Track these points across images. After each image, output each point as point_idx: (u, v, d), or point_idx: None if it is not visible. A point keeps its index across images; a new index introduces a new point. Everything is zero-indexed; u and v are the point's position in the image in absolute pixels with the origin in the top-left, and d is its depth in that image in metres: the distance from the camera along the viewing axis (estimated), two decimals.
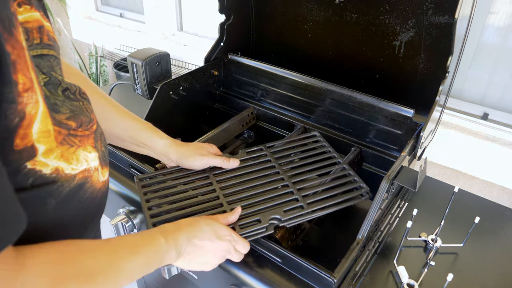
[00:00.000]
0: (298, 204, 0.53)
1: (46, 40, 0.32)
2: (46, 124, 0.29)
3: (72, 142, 0.32)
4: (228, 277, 0.51)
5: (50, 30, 0.34)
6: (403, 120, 0.65)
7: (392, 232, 0.59)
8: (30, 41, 0.30)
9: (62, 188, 0.31)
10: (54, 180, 0.30)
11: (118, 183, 0.66)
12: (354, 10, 0.70)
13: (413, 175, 0.53)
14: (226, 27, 0.81)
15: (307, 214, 0.52)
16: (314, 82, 0.74)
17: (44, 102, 0.28)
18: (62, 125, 0.31)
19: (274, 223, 0.51)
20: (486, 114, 1.00)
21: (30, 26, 0.30)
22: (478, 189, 0.99)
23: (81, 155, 0.33)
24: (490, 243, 0.58)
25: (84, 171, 0.33)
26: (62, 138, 0.30)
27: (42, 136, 0.28)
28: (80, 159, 0.32)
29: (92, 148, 0.34)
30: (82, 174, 0.33)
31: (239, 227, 0.49)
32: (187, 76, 0.79)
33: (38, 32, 0.31)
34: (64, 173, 0.31)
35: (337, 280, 0.45)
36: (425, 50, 0.65)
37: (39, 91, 0.28)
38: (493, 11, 0.90)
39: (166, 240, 0.40)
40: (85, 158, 0.33)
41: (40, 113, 0.28)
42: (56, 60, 0.33)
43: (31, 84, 0.27)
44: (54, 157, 0.30)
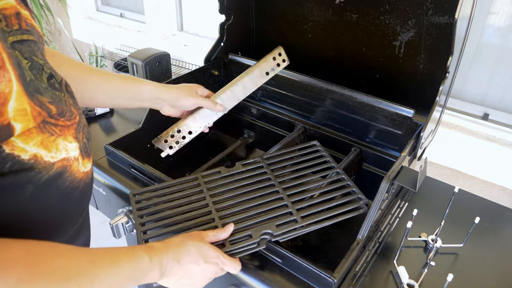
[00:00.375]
0: (292, 218, 0.51)
1: (24, 26, 0.33)
2: (22, 102, 0.29)
3: (52, 131, 0.32)
4: (228, 277, 0.51)
5: (28, 17, 0.34)
6: (403, 120, 0.65)
7: (392, 232, 0.59)
8: (9, 27, 0.31)
9: (41, 175, 0.31)
10: (32, 167, 0.30)
11: (118, 183, 0.66)
12: (354, 10, 0.70)
13: (413, 175, 0.53)
14: (226, 27, 0.81)
15: (301, 228, 0.50)
16: (314, 82, 0.74)
17: (18, 81, 0.29)
18: (43, 106, 0.31)
19: (266, 238, 0.49)
20: (486, 114, 1.00)
21: (8, 13, 0.31)
22: (478, 189, 0.99)
23: (61, 144, 0.33)
24: (490, 244, 0.58)
25: (63, 160, 0.33)
26: (41, 119, 0.31)
27: (19, 115, 0.29)
28: (59, 148, 0.33)
29: (72, 138, 0.35)
30: (61, 163, 0.33)
31: (229, 243, 0.49)
32: (187, 76, 0.79)
33: (16, 19, 0.32)
34: (43, 160, 0.31)
35: (337, 280, 0.45)
36: (425, 50, 0.65)
37: (12, 71, 0.28)
38: (493, 11, 0.90)
39: (151, 259, 0.39)
40: (65, 148, 0.33)
41: (14, 92, 0.28)
42: (37, 45, 0.34)
43: (2, 63, 0.27)
44: (33, 143, 0.30)
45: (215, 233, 0.48)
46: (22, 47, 0.32)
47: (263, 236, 0.50)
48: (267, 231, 0.50)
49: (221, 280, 0.53)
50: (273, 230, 0.50)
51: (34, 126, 0.30)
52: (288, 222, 0.51)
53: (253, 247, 0.49)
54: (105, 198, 0.70)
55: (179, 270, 0.42)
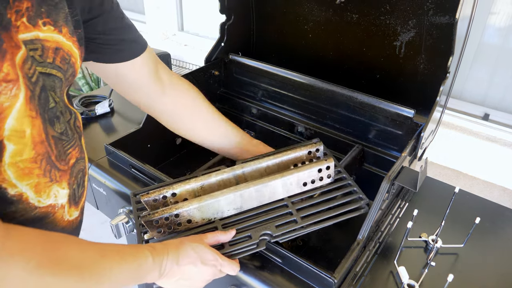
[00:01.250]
0: (292, 219, 0.51)
1: (58, 62, 0.33)
2: (22, 123, 0.28)
3: (54, 176, 0.31)
4: (229, 277, 0.51)
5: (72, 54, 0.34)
6: (403, 120, 0.65)
7: (393, 233, 0.59)
8: (43, 58, 0.31)
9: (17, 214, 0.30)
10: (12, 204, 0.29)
11: (119, 183, 0.66)
12: (354, 10, 0.69)
13: (413, 176, 0.53)
14: (226, 27, 0.81)
15: (301, 229, 0.50)
16: (314, 82, 0.74)
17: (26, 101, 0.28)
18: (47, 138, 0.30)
19: (265, 238, 0.49)
20: (487, 114, 1.00)
21: (48, 45, 0.31)
22: (478, 190, 0.99)
23: (53, 190, 0.32)
24: (490, 244, 0.57)
25: (48, 207, 0.32)
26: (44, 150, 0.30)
27: (15, 135, 0.27)
28: (50, 194, 0.32)
29: (66, 185, 0.33)
30: (45, 209, 0.32)
31: (229, 244, 0.48)
32: (188, 76, 0.79)
33: (53, 53, 0.32)
34: (27, 201, 0.30)
35: (338, 281, 0.45)
36: (426, 51, 0.65)
37: (23, 89, 0.27)
38: (494, 12, 0.90)
39: (153, 259, 0.39)
40: (55, 194, 0.32)
41: (16, 109, 0.27)
42: (60, 82, 0.34)
43: (16, 78, 0.27)
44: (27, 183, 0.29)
45: (215, 234, 0.48)
46: (46, 80, 0.31)
47: (263, 237, 0.50)
48: (267, 232, 0.50)
49: (222, 280, 0.53)
50: (272, 231, 0.50)
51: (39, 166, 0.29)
52: (288, 223, 0.51)
53: (253, 248, 0.49)
54: (106, 198, 0.70)
55: (177, 271, 0.42)
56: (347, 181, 0.57)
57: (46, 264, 0.28)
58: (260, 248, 0.49)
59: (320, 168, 0.54)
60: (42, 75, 0.31)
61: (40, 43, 0.30)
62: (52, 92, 0.33)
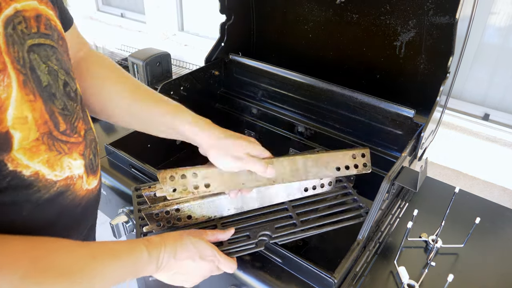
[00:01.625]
0: (291, 222, 0.51)
1: (42, 29, 0.32)
2: (22, 110, 0.28)
3: (61, 149, 0.31)
4: (229, 277, 0.51)
5: (51, 18, 0.33)
6: (403, 120, 0.65)
7: (393, 233, 0.59)
8: (28, 29, 0.30)
9: (40, 193, 0.30)
10: (32, 184, 0.29)
11: (119, 183, 0.66)
12: (354, 10, 0.69)
13: (413, 176, 0.53)
14: (227, 27, 0.81)
15: (300, 232, 0.50)
16: (315, 82, 0.74)
17: (20, 88, 0.28)
18: (52, 116, 0.30)
19: (264, 239, 0.49)
20: (487, 114, 0.99)
21: (28, 15, 0.30)
22: (478, 190, 0.99)
23: (65, 162, 0.32)
24: (490, 244, 0.57)
25: (67, 179, 0.32)
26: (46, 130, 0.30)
27: (18, 123, 0.28)
28: (64, 166, 0.32)
29: (78, 156, 0.33)
30: (64, 182, 0.32)
31: (227, 242, 0.48)
32: (188, 76, 0.79)
33: (36, 21, 0.31)
34: (44, 178, 0.30)
35: (338, 281, 0.45)
36: (426, 51, 0.65)
37: (14, 76, 0.27)
38: (494, 12, 0.90)
39: (149, 253, 0.39)
40: (69, 166, 0.32)
41: (13, 98, 0.27)
42: (53, 49, 0.33)
43: (4, 66, 0.27)
44: (39, 160, 0.29)
45: (214, 232, 0.48)
46: (40, 51, 0.31)
47: (262, 238, 0.50)
48: (266, 233, 0.50)
49: (221, 280, 0.53)
50: (271, 232, 0.50)
51: (42, 142, 0.29)
52: (288, 226, 0.51)
53: (251, 247, 0.49)
54: (106, 198, 0.70)
55: (174, 265, 0.41)
56: (348, 189, 0.57)
57: (32, 274, 0.27)
58: (259, 248, 0.49)
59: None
60: (35, 47, 0.30)
61: (21, 14, 0.29)
62: (49, 61, 0.32)
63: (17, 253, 0.28)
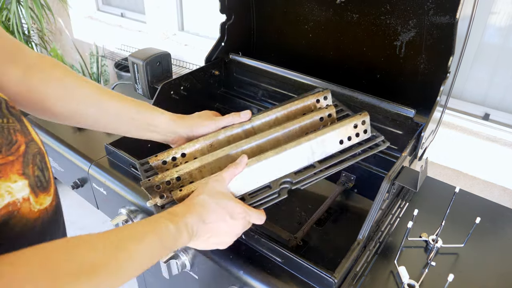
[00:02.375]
0: (309, 164, 0.49)
1: None
2: None
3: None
4: (229, 277, 0.51)
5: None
6: (404, 120, 0.65)
7: (393, 233, 0.59)
8: None
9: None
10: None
11: (119, 183, 0.66)
12: (355, 10, 0.69)
13: (414, 176, 0.53)
14: (227, 27, 0.81)
15: (320, 172, 0.48)
16: (315, 82, 0.74)
17: None
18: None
19: (286, 187, 0.47)
20: (487, 114, 0.99)
21: None
22: (479, 190, 0.99)
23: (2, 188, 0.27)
24: (491, 244, 0.57)
25: (8, 206, 0.27)
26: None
27: None
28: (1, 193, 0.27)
29: (18, 177, 0.29)
30: (5, 210, 0.27)
31: (249, 197, 0.47)
32: (188, 76, 0.78)
33: None
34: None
35: (338, 280, 0.45)
36: (426, 50, 0.64)
37: None
38: (494, 11, 0.90)
39: (177, 226, 0.37)
40: (8, 190, 0.28)
41: None
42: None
43: None
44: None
45: (229, 171, 0.45)
46: None
47: (283, 186, 0.48)
48: (286, 180, 0.48)
49: (222, 280, 0.53)
50: (291, 178, 0.48)
51: None
52: (306, 168, 0.49)
53: (274, 197, 0.47)
54: (106, 197, 0.70)
55: (206, 230, 0.40)
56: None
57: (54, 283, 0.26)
58: (282, 197, 0.47)
59: (356, 124, 0.52)
60: None
61: None
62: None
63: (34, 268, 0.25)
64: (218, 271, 0.52)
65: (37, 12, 1.66)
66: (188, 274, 0.59)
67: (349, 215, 0.67)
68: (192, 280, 0.59)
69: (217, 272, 0.53)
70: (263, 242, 0.51)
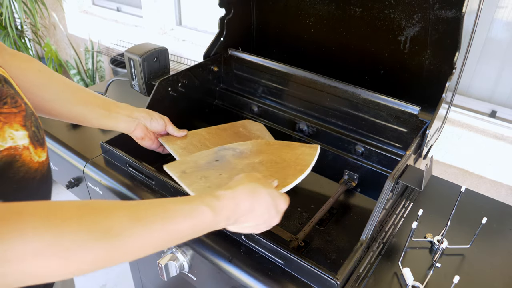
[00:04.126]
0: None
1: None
2: None
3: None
4: (228, 279, 0.50)
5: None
6: (408, 117, 0.63)
7: (397, 233, 0.57)
8: None
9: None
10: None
11: (115, 182, 0.64)
12: (358, 4, 0.67)
13: (418, 174, 0.51)
14: (226, 21, 0.79)
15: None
16: (316, 78, 0.72)
17: None
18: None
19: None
20: (494, 111, 0.98)
21: None
22: (485, 189, 0.97)
23: (6, 132, 0.32)
24: (498, 245, 0.56)
25: (10, 149, 0.32)
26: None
27: None
28: (5, 136, 0.32)
29: (20, 126, 0.34)
30: (7, 152, 0.32)
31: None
32: (186, 72, 0.77)
33: None
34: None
35: (340, 282, 0.44)
36: (432, 46, 0.63)
37: None
38: (501, 6, 0.88)
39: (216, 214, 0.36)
40: (11, 136, 0.33)
41: None
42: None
43: None
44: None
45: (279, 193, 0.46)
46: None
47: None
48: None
49: (222, 281, 0.52)
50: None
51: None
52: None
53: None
54: (101, 197, 0.68)
55: (250, 218, 0.41)
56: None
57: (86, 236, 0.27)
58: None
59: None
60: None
61: None
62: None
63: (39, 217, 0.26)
64: (217, 273, 0.51)
65: (31, 6, 1.63)
66: (187, 276, 0.58)
67: (352, 215, 0.66)
68: (190, 282, 0.58)
69: (217, 274, 0.52)
70: (263, 243, 0.50)
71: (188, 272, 0.56)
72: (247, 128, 0.76)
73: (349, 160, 0.70)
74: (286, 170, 0.54)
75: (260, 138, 0.73)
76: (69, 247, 0.26)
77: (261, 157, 0.58)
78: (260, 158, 0.57)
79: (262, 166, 0.55)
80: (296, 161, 0.55)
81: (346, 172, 0.70)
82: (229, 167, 0.55)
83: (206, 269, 0.53)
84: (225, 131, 0.73)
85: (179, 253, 0.54)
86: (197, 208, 0.35)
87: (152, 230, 0.31)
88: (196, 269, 0.55)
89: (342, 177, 0.71)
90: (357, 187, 0.70)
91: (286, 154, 0.58)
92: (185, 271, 0.56)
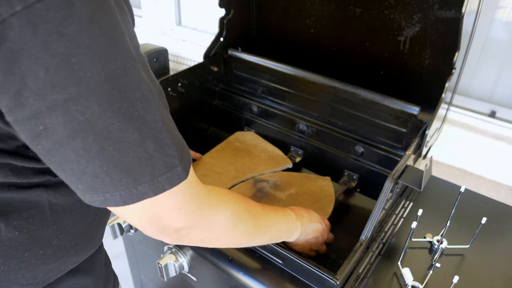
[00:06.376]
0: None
1: None
2: None
3: None
4: (228, 279, 0.50)
5: None
6: (408, 117, 0.63)
7: (397, 233, 0.57)
8: None
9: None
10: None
11: None
12: (358, 4, 0.68)
13: (418, 175, 0.51)
14: (226, 21, 0.79)
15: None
16: (316, 78, 0.72)
17: None
18: None
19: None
20: (493, 111, 0.98)
21: None
22: (485, 189, 0.97)
23: None
24: (497, 245, 0.56)
25: None
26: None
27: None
28: None
29: None
30: None
31: None
32: (186, 72, 0.77)
33: None
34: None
35: (340, 282, 0.44)
36: (431, 46, 0.63)
37: None
38: (501, 6, 0.88)
39: (302, 226, 0.49)
40: None
41: None
42: None
43: None
44: None
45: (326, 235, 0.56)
46: None
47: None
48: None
49: (221, 282, 0.52)
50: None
51: None
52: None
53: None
54: None
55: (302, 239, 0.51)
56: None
57: (238, 212, 0.38)
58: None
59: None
60: None
61: None
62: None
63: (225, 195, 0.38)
64: (217, 273, 0.52)
65: None
66: (186, 276, 0.58)
67: (351, 215, 0.66)
68: (190, 282, 0.58)
69: (216, 274, 0.52)
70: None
71: (187, 273, 0.56)
72: (241, 141, 0.79)
73: (349, 160, 0.70)
74: (320, 200, 0.66)
75: (257, 147, 0.78)
76: (250, 231, 0.40)
77: (294, 188, 0.68)
78: (295, 190, 0.68)
79: (300, 197, 0.66)
80: (322, 192, 0.68)
81: (346, 172, 0.70)
82: (276, 200, 0.66)
83: (206, 269, 0.53)
84: (224, 151, 0.77)
85: (179, 253, 0.54)
86: (291, 217, 0.49)
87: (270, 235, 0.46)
88: (195, 269, 0.55)
89: (341, 177, 0.71)
90: (356, 187, 0.70)
91: (312, 187, 0.69)
92: (185, 271, 0.56)
